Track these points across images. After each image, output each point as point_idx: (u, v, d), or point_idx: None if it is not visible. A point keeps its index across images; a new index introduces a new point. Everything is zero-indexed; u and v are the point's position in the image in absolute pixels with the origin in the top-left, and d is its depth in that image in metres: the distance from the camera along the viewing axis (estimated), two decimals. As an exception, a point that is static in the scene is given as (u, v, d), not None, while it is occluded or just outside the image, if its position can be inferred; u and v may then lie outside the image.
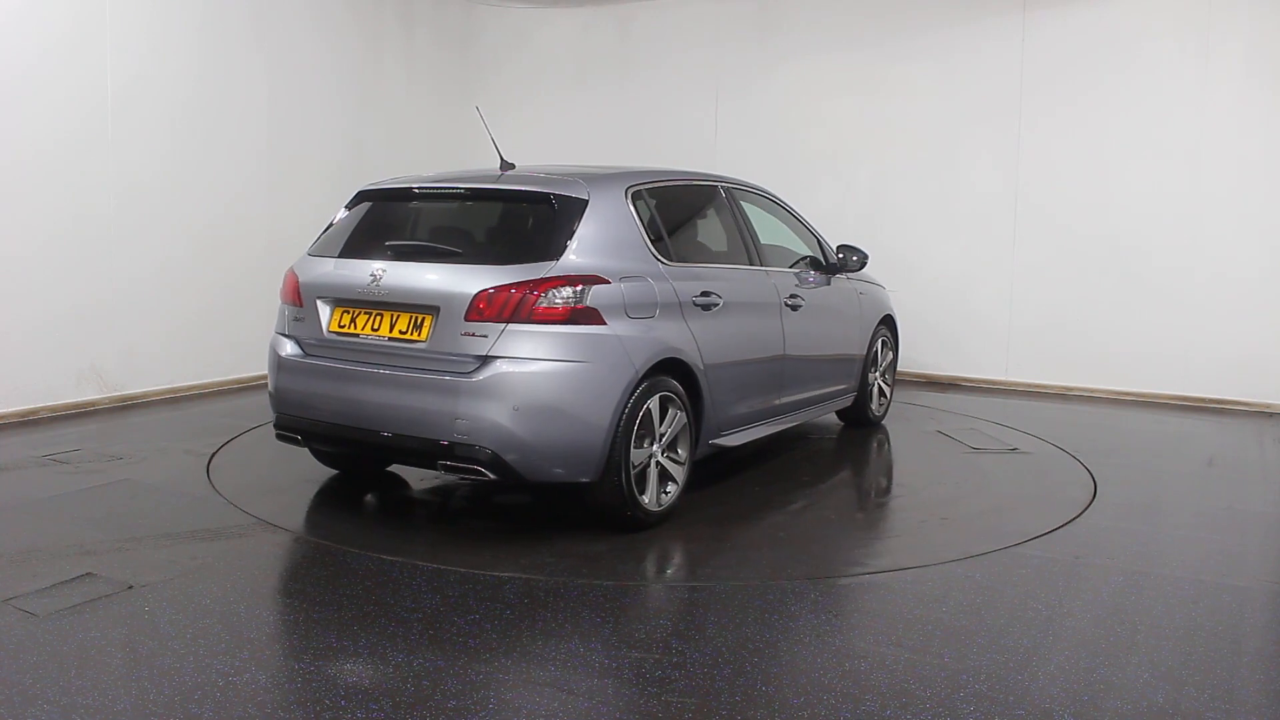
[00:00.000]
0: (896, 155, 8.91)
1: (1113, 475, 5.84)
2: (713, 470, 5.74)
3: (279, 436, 4.97)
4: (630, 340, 4.49)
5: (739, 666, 3.31)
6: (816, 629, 3.65)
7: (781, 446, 6.42)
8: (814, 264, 6.28)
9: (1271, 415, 7.66)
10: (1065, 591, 4.05)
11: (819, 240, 6.40)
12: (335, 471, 5.59)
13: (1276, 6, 7.62)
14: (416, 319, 4.45)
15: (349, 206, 5.18)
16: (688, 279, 4.96)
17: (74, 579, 3.92)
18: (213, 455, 5.84)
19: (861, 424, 6.97)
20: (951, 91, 8.68)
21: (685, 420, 4.81)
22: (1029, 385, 8.56)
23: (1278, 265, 7.72)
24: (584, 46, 10.14)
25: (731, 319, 5.18)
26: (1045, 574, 4.25)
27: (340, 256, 4.86)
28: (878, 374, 6.97)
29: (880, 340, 6.92)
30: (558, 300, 4.33)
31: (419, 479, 5.50)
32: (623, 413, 4.43)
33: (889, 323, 7.09)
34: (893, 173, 8.93)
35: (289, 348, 4.85)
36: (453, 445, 4.32)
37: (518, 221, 4.81)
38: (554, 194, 4.68)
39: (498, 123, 10.19)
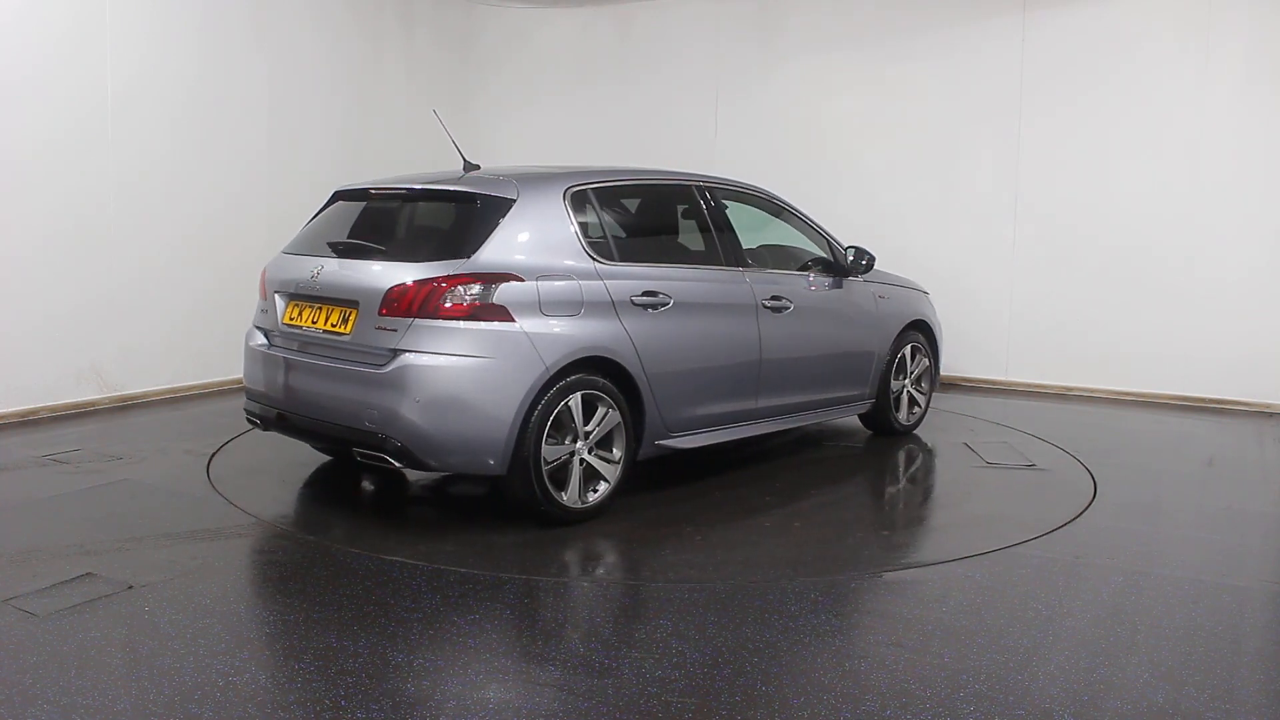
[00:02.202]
0: (897, 155, 8.91)
1: (1113, 475, 5.84)
2: (690, 471, 5.74)
3: (247, 420, 5.29)
4: (541, 337, 4.53)
5: (739, 666, 3.31)
6: (816, 629, 3.65)
7: (782, 451, 6.40)
8: (826, 266, 6.15)
9: (1271, 415, 7.66)
10: (1065, 591, 4.05)
11: (830, 242, 6.22)
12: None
13: (1276, 6, 7.62)
14: (344, 313, 4.68)
15: (325, 205, 5.45)
16: (628, 278, 4.95)
17: (74, 579, 3.92)
18: (213, 455, 5.84)
19: (887, 432, 6.69)
20: (952, 91, 8.68)
21: (619, 419, 4.81)
22: (1029, 385, 8.55)
23: (1277, 265, 7.72)
24: (584, 46, 10.14)
25: (684, 319, 5.14)
26: (1045, 574, 4.25)
27: (300, 253, 5.13)
28: (907, 381, 6.66)
29: (910, 346, 6.64)
30: (465, 297, 4.45)
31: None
32: (531, 408, 4.49)
33: (922, 328, 6.77)
34: (893, 172, 8.93)
35: (257, 338, 5.17)
36: (365, 434, 4.53)
37: (445, 220, 4.94)
38: (480, 194, 4.82)
39: (498, 123, 10.29)
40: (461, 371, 4.42)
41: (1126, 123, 8.10)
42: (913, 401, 6.77)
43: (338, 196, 5.42)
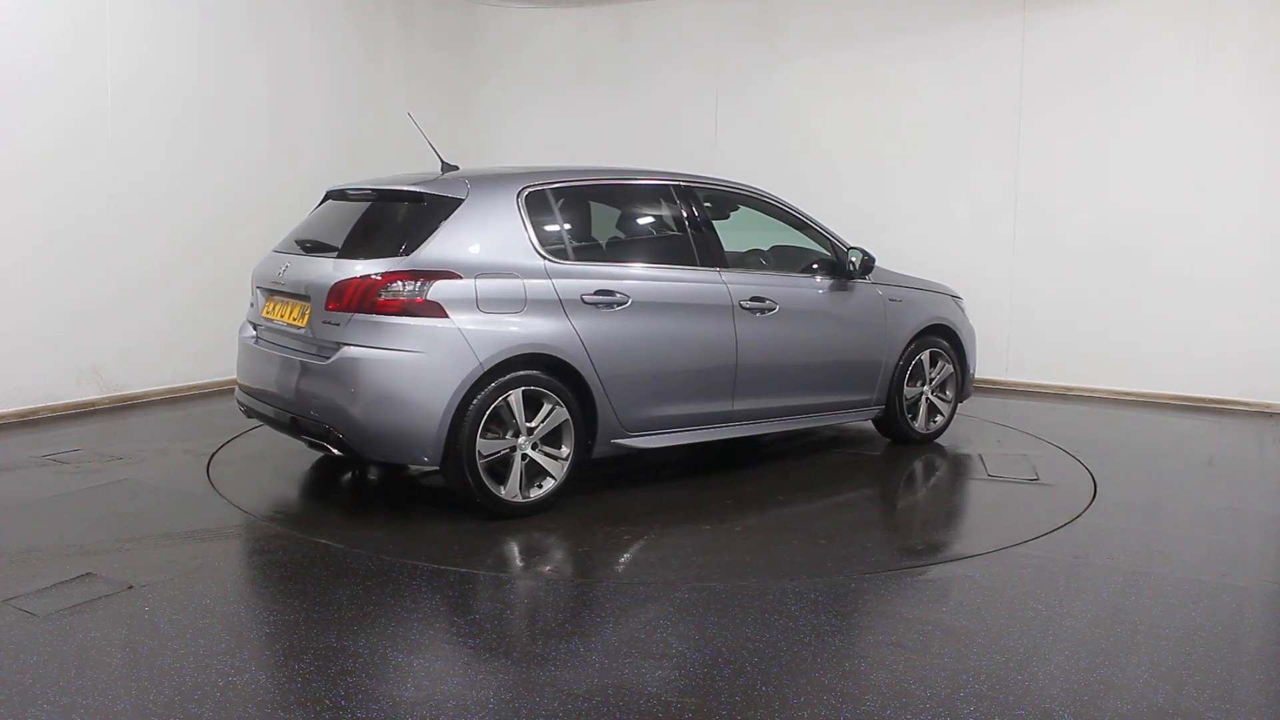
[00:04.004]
0: (896, 155, 8.91)
1: (1113, 475, 5.84)
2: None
3: (238, 407, 5.45)
4: (476, 333, 4.63)
5: (739, 666, 3.31)
6: (816, 629, 3.65)
7: (778, 456, 6.35)
8: (831, 268, 6.00)
9: (1271, 415, 7.66)
10: (1065, 591, 4.05)
11: (834, 243, 6.04)
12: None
13: (1276, 6, 7.62)
14: (302, 307, 4.89)
15: (318, 205, 5.63)
16: (581, 277, 4.99)
17: (74, 579, 3.92)
18: (213, 455, 5.84)
19: (904, 440, 6.41)
20: (951, 91, 8.68)
21: (566, 417, 4.84)
22: (1029, 385, 8.55)
23: (1277, 264, 7.72)
24: (584, 46, 10.14)
25: (643, 319, 5.13)
26: (1045, 574, 4.24)
27: (282, 251, 5.33)
28: (926, 388, 6.39)
29: (930, 351, 6.36)
30: (398, 293, 4.60)
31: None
32: (465, 402, 4.59)
33: (945, 333, 6.49)
34: (893, 172, 8.93)
35: (248, 331, 5.39)
36: (312, 423, 4.74)
37: (397, 219, 5.05)
38: (428, 193, 4.97)
39: (498, 123, 10.30)
40: (393, 365, 4.55)
41: (1126, 122, 8.10)
42: (934, 409, 6.49)
43: (328, 196, 5.60)
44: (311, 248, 5.14)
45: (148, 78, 7.21)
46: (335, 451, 4.73)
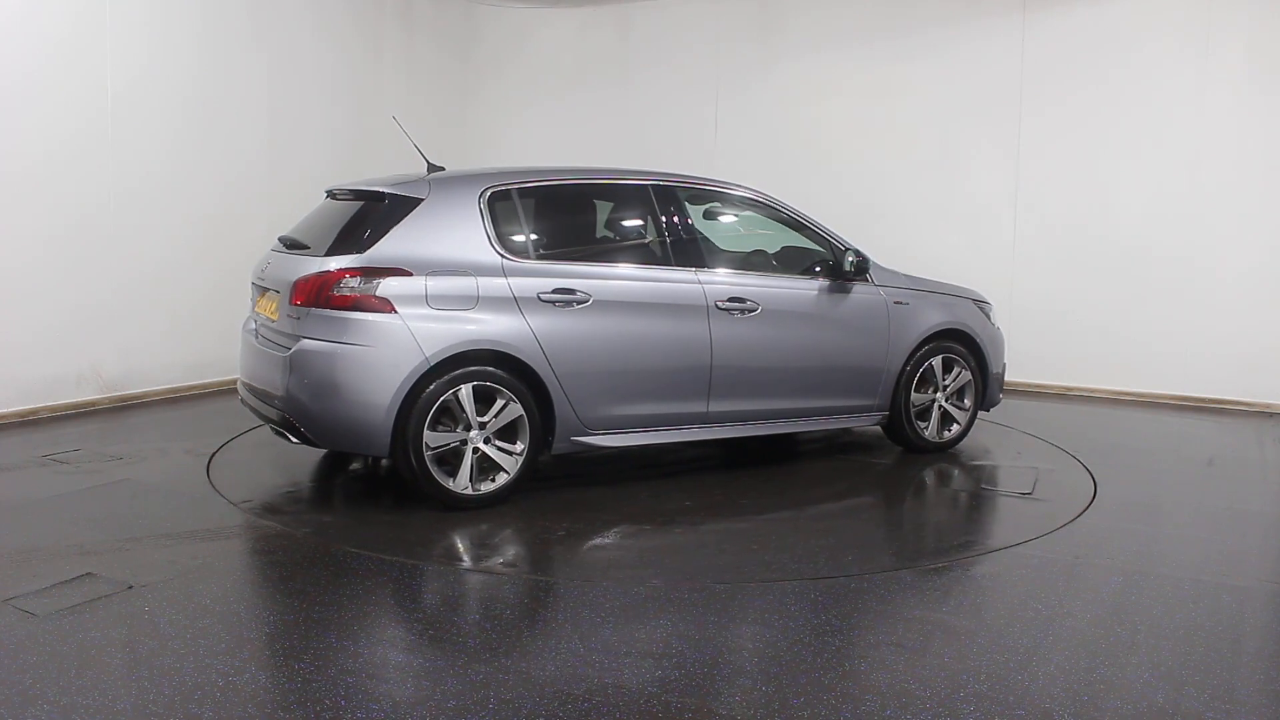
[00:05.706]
0: (896, 154, 8.91)
1: (1113, 475, 5.84)
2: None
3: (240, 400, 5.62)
4: (423, 329, 4.76)
5: (739, 666, 3.31)
6: (816, 629, 3.65)
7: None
8: (831, 270, 5.86)
9: (1271, 415, 7.66)
10: (1065, 591, 4.05)
11: (832, 244, 5.91)
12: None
13: (1276, 6, 7.62)
14: (277, 302, 5.07)
15: (321, 204, 5.77)
16: (540, 275, 5.06)
17: (74, 579, 3.92)
18: (213, 455, 5.84)
19: (913, 449, 6.19)
20: (951, 90, 8.68)
21: (520, 412, 4.92)
22: (1029, 385, 8.55)
23: (1277, 264, 7.72)
24: (584, 47, 10.14)
25: (605, 318, 5.15)
26: (1045, 574, 4.25)
27: (273, 249, 5.50)
28: (939, 395, 6.18)
29: (942, 357, 6.16)
30: (349, 288, 4.78)
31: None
32: (411, 395, 4.74)
33: (961, 338, 6.26)
34: (892, 172, 8.93)
35: (249, 325, 5.55)
36: (276, 411, 4.96)
37: (362, 218, 5.15)
38: (389, 193, 5.13)
39: (497, 124, 10.30)
40: (340, 357, 4.72)
41: (1126, 122, 8.10)
42: (947, 417, 6.26)
43: (326, 195, 5.75)
44: (291, 245, 5.31)
45: (148, 78, 7.21)
46: (293, 440, 4.92)
